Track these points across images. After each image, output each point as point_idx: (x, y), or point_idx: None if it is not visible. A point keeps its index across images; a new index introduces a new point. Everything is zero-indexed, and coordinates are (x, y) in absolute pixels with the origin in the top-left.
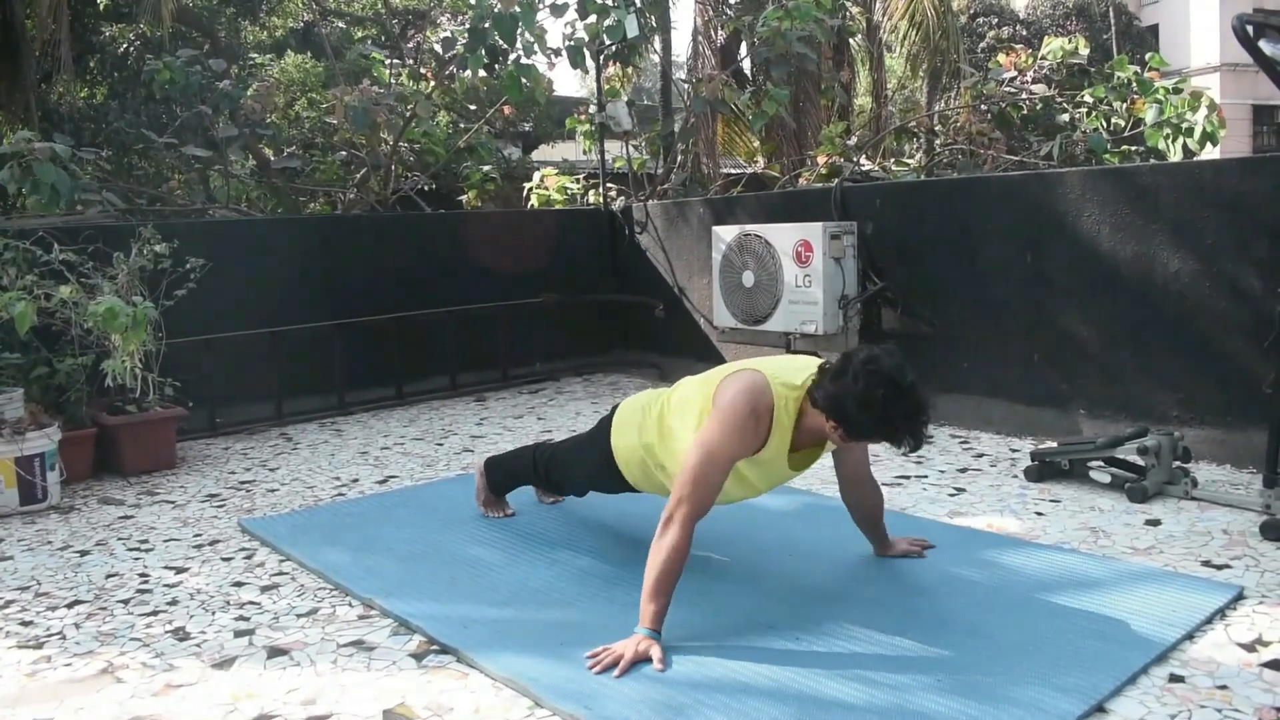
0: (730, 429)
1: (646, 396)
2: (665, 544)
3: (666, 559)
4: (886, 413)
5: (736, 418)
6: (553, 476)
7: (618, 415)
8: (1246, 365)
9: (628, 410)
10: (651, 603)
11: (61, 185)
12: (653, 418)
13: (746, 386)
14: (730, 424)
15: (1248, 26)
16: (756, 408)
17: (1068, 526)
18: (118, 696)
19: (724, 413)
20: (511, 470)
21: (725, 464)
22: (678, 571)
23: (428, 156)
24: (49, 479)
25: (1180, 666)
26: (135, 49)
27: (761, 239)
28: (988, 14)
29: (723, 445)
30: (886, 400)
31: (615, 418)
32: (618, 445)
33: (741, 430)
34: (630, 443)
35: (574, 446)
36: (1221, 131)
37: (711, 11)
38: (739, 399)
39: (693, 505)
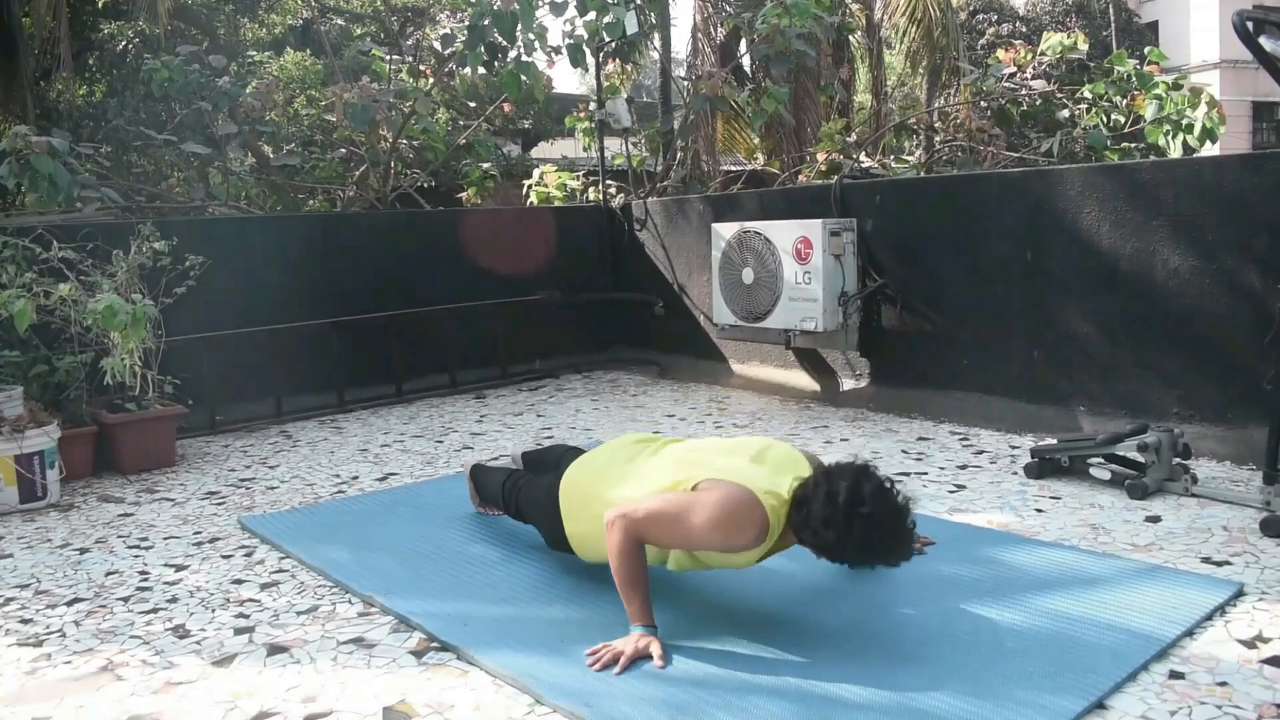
0: (716, 533)
1: (590, 480)
2: (611, 548)
3: (618, 560)
4: (884, 550)
5: (727, 529)
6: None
7: (564, 492)
8: (1246, 362)
9: (572, 490)
10: (629, 602)
11: (59, 178)
12: (596, 510)
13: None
14: (718, 529)
15: (1248, 23)
16: (755, 531)
17: (1068, 523)
18: (117, 694)
19: (722, 518)
20: (487, 491)
21: (683, 543)
22: (637, 566)
23: (427, 154)
24: (49, 477)
25: (1180, 663)
26: (134, 46)
27: (761, 236)
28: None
29: (698, 534)
30: (884, 544)
31: (561, 493)
32: (569, 529)
33: (724, 541)
34: (579, 529)
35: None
36: (1221, 128)
37: (711, 9)
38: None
39: (637, 528)
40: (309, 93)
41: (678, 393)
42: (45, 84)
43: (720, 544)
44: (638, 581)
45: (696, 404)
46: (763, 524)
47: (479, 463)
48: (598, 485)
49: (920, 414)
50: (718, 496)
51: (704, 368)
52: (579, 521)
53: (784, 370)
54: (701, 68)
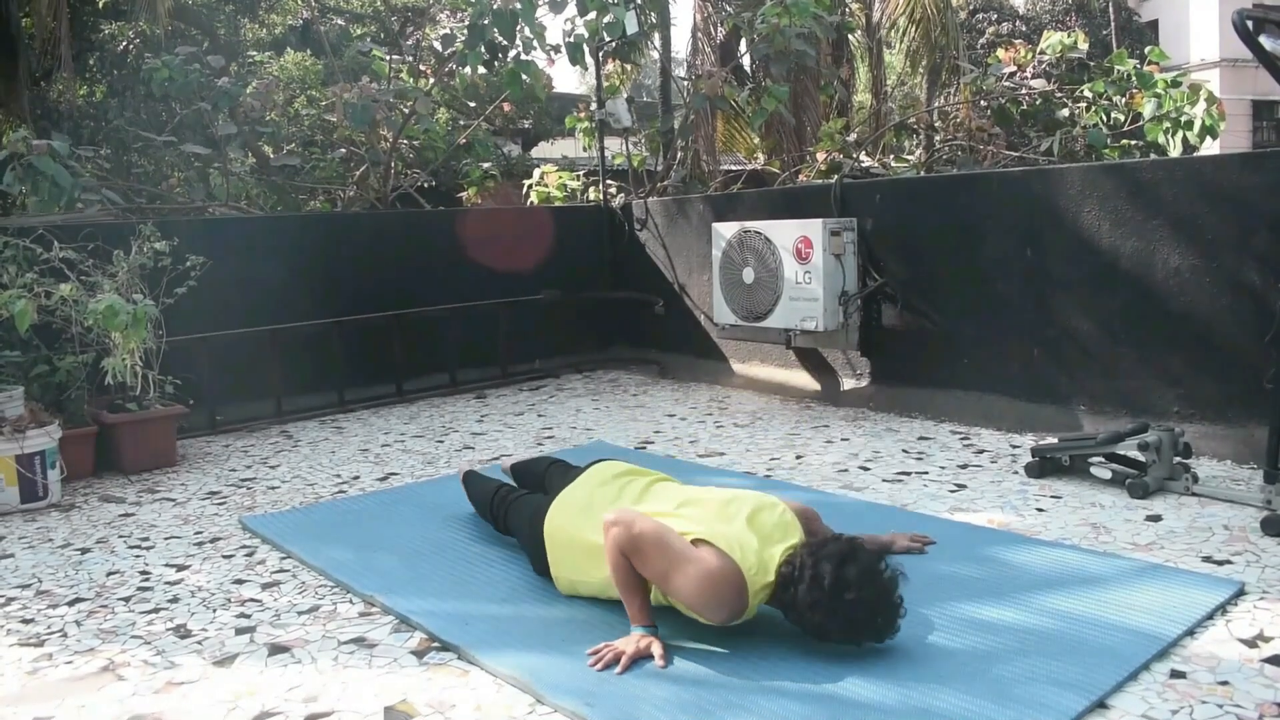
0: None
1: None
2: (608, 549)
3: (613, 565)
4: (870, 632)
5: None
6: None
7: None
8: (1247, 360)
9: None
10: (629, 603)
11: (62, 180)
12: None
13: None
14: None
15: (1248, 21)
16: (723, 611)
17: (1069, 522)
18: (119, 694)
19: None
20: (474, 498)
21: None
22: (626, 569)
23: (427, 154)
24: (49, 477)
25: (1181, 662)
26: (134, 47)
27: (762, 236)
28: (987, 10)
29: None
30: (870, 626)
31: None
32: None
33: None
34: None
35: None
36: (1221, 124)
37: (711, 8)
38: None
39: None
40: (309, 93)
41: (678, 392)
42: (45, 84)
43: (695, 607)
44: (636, 583)
45: (697, 403)
46: (742, 604)
47: (472, 469)
48: (581, 530)
49: (921, 413)
50: (708, 569)
51: (704, 367)
52: (565, 567)
53: (784, 370)
54: (701, 67)
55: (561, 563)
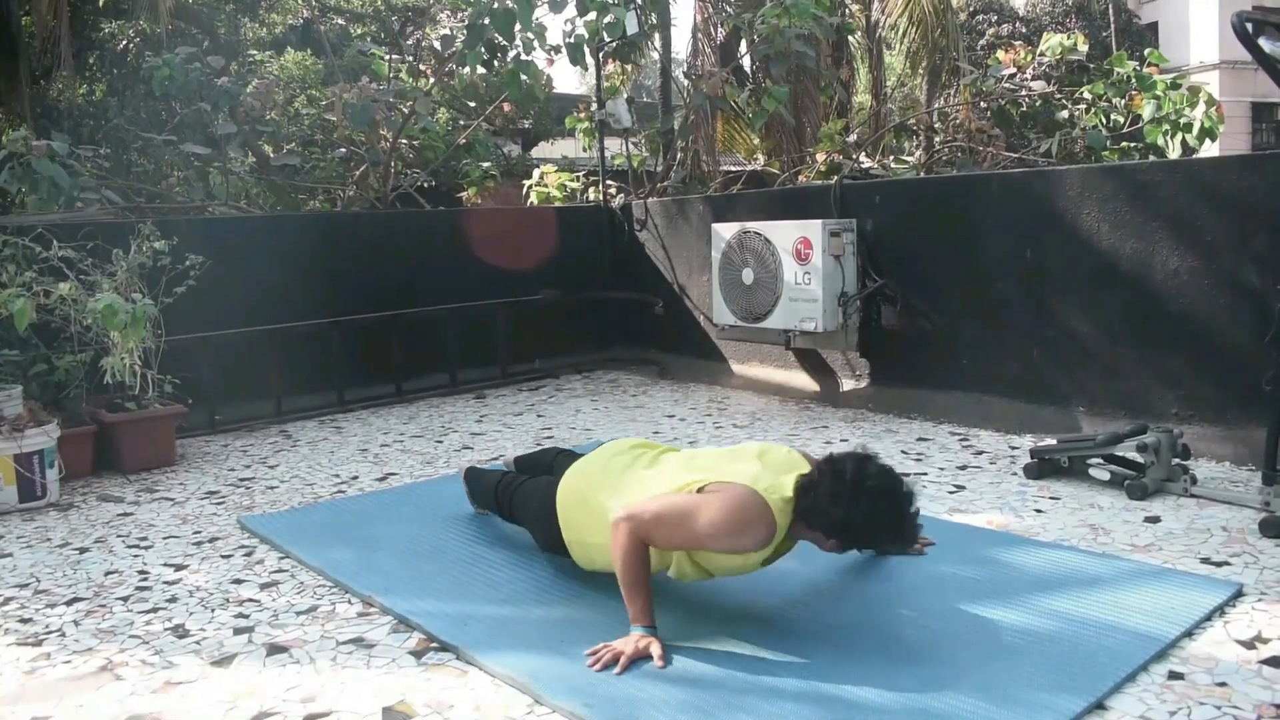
0: (722, 534)
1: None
2: (616, 548)
3: (623, 561)
4: (892, 523)
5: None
6: (518, 518)
7: (560, 498)
8: (1246, 362)
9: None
10: (631, 603)
11: (61, 180)
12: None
13: (756, 515)
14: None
15: (1247, 24)
16: (753, 534)
17: (1067, 524)
18: (117, 694)
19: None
20: (481, 494)
21: (689, 543)
22: (641, 566)
23: (427, 153)
24: (48, 476)
25: (1180, 664)
26: (134, 45)
27: (761, 236)
28: (987, 11)
29: (704, 535)
30: (892, 518)
31: (559, 500)
32: (570, 539)
33: (731, 542)
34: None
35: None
36: (1220, 127)
37: (711, 9)
38: (747, 524)
39: (643, 528)
40: (309, 92)
41: (677, 393)
42: (45, 83)
43: (727, 545)
44: (641, 582)
45: (696, 404)
46: (769, 524)
47: (473, 465)
48: (597, 492)
49: (920, 414)
50: (724, 498)
51: (704, 368)
52: (577, 529)
53: (784, 370)
54: (702, 68)
55: (574, 525)
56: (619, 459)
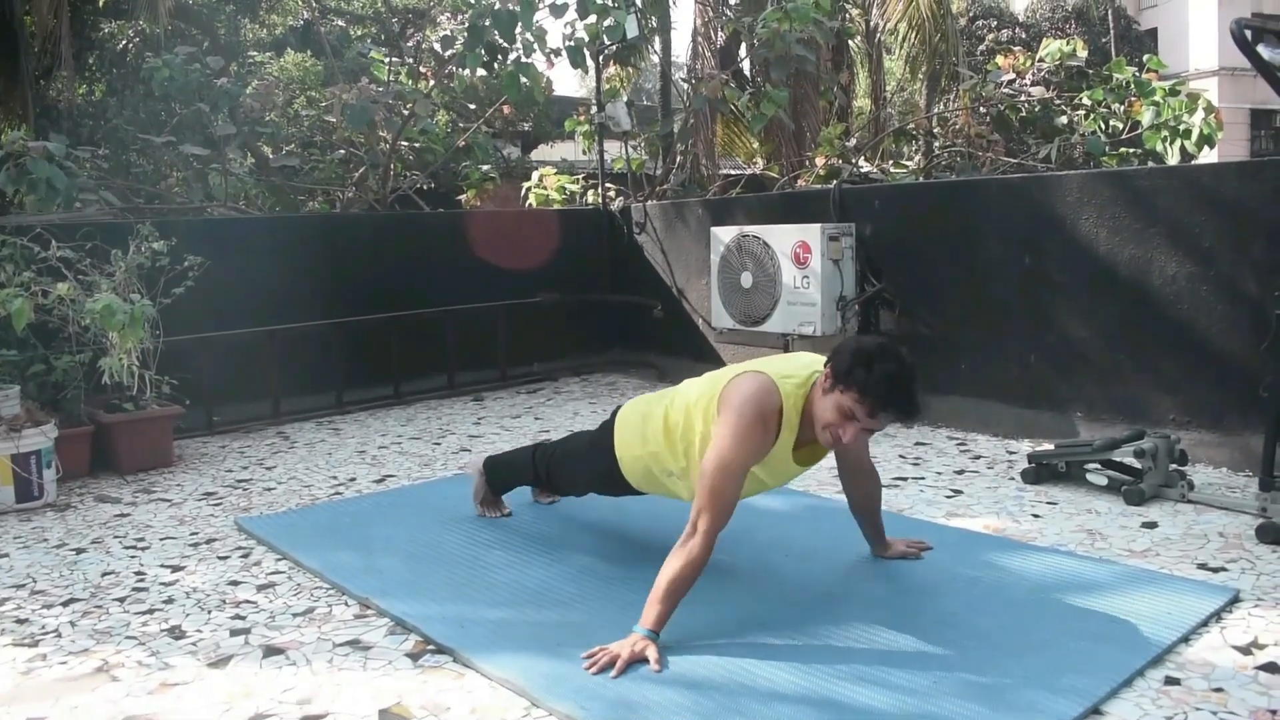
0: (740, 436)
1: (646, 403)
2: (685, 553)
3: (684, 567)
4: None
5: (745, 424)
6: (555, 479)
7: (619, 422)
8: (1243, 368)
9: (629, 416)
10: (659, 605)
11: (58, 181)
12: (656, 424)
13: (754, 392)
14: (739, 431)
15: (1246, 31)
16: (764, 411)
17: (1064, 529)
18: (113, 695)
19: (733, 420)
20: (511, 471)
21: (740, 473)
22: (691, 581)
23: (426, 155)
24: (45, 476)
25: (1176, 669)
26: (134, 46)
27: (760, 240)
28: (987, 16)
29: (736, 454)
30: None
31: (616, 424)
32: (622, 455)
33: (750, 436)
34: (634, 451)
35: (576, 451)
36: (1219, 133)
37: (711, 12)
38: (747, 405)
39: (714, 517)
40: (309, 93)
41: None
42: (45, 83)
43: (751, 452)
44: (680, 594)
45: None
46: (775, 411)
47: (492, 456)
48: (653, 405)
49: (918, 418)
50: (736, 403)
51: (702, 371)
52: (639, 444)
53: None
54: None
55: (636, 440)
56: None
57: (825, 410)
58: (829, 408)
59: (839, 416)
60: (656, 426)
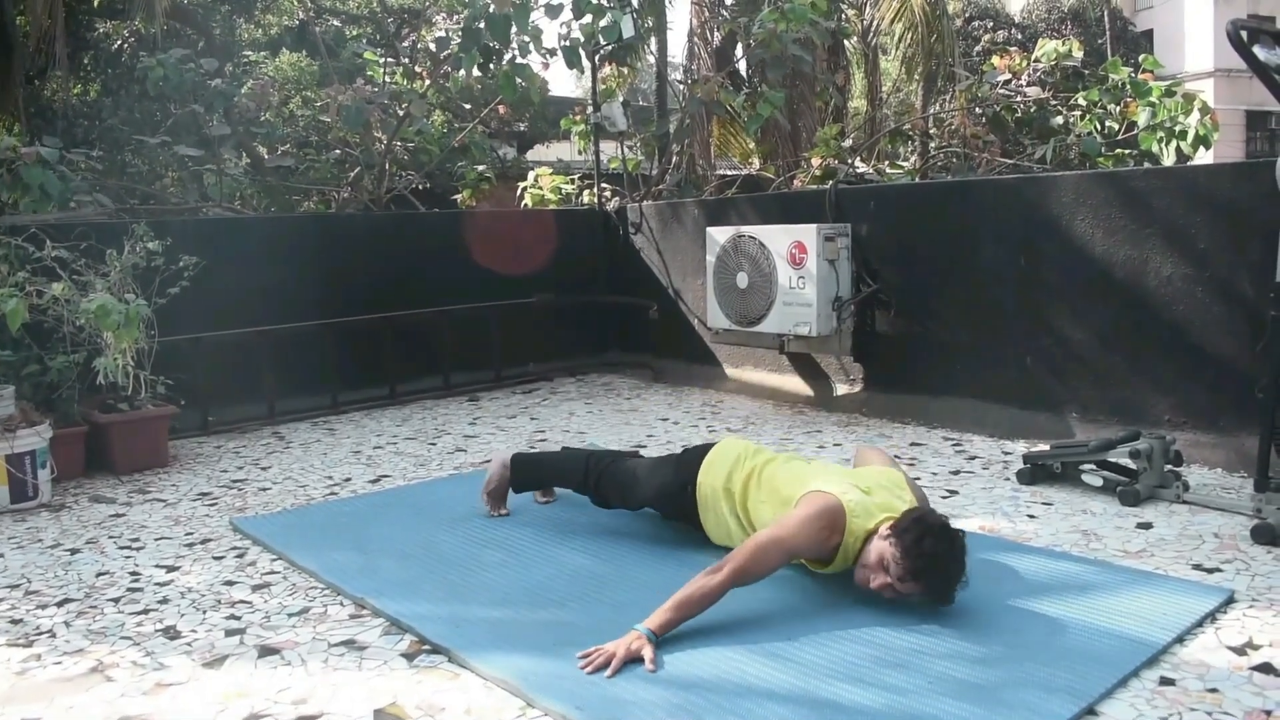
0: (805, 535)
1: (744, 448)
2: (707, 581)
3: (700, 590)
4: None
5: (812, 531)
6: (604, 487)
7: (714, 452)
8: (1238, 369)
9: (724, 452)
10: (669, 613)
11: (51, 187)
12: (743, 472)
13: (825, 516)
14: (807, 532)
15: (1242, 32)
16: (830, 531)
17: (1059, 529)
18: (108, 695)
19: (804, 523)
20: (546, 473)
21: (787, 554)
22: (702, 606)
23: (422, 156)
24: (40, 476)
25: (1171, 669)
26: (129, 46)
27: (756, 240)
28: (982, 17)
29: (793, 541)
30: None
31: (711, 454)
32: (704, 480)
33: (813, 540)
34: (717, 483)
35: (650, 466)
36: (1214, 134)
37: (707, 13)
38: (818, 521)
39: (743, 571)
40: (304, 94)
41: (671, 396)
42: (40, 83)
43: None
44: (694, 612)
45: (690, 408)
46: (839, 527)
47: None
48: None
49: (913, 419)
50: (815, 500)
51: (697, 371)
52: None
53: (778, 374)
54: (698, 71)
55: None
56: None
57: (871, 551)
58: (875, 551)
59: (877, 564)
60: (743, 474)
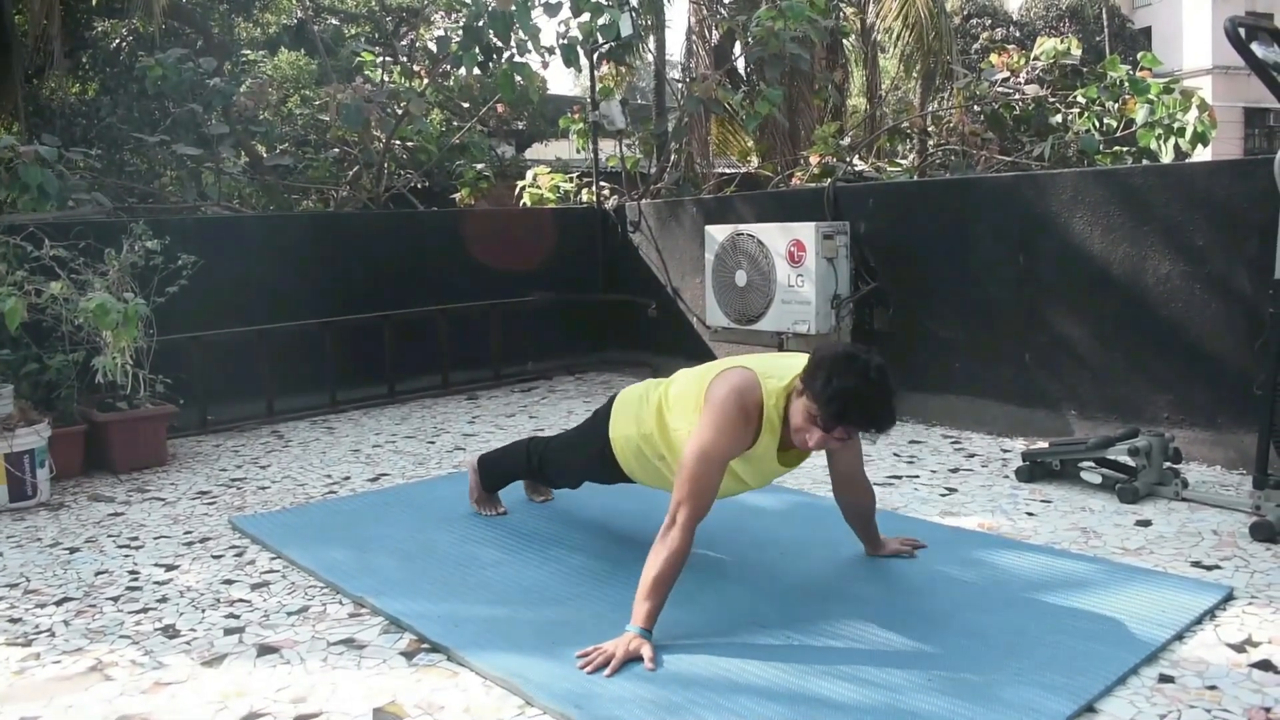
0: (721, 428)
1: (644, 387)
2: (666, 546)
3: (666, 560)
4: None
5: (726, 417)
6: (547, 470)
7: (616, 405)
8: (1237, 367)
9: (625, 400)
10: (646, 601)
11: (49, 186)
12: (650, 408)
13: (735, 386)
14: (720, 423)
15: (1240, 29)
16: (745, 406)
17: (1058, 527)
18: (106, 694)
19: (714, 412)
20: (504, 467)
21: (720, 464)
22: (675, 574)
23: (420, 154)
24: (39, 476)
25: (1170, 667)
26: (128, 45)
27: (754, 239)
28: (981, 15)
29: (715, 445)
30: (885, 388)
31: (613, 407)
32: (615, 436)
33: (732, 429)
34: (628, 433)
35: (571, 438)
36: (1213, 131)
37: (706, 11)
38: (728, 399)
39: (693, 508)
40: (303, 92)
41: None
42: (38, 82)
43: (731, 444)
44: (666, 586)
45: None
46: (756, 407)
47: (485, 454)
48: (650, 390)
49: (912, 417)
50: (718, 396)
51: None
52: (633, 425)
53: None
54: (696, 70)
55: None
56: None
57: (796, 414)
58: (799, 411)
59: (805, 422)
60: (650, 410)
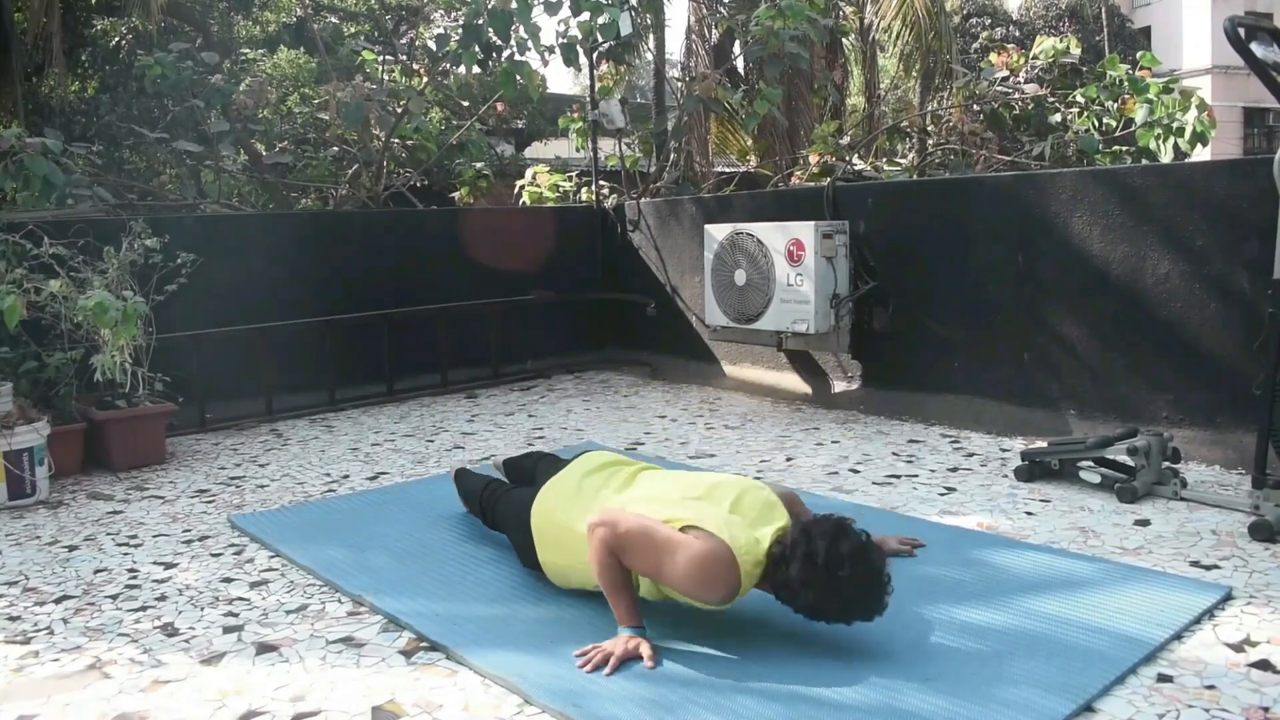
0: (689, 583)
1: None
2: (592, 553)
3: (599, 565)
4: (862, 611)
5: (701, 584)
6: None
7: (536, 522)
8: (1235, 367)
9: (545, 522)
10: (615, 605)
11: (54, 178)
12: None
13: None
14: (692, 581)
15: (1240, 29)
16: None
17: (1057, 526)
18: (105, 692)
19: (698, 573)
20: (464, 492)
21: (653, 575)
22: (618, 570)
23: (420, 153)
24: (37, 474)
25: (1169, 666)
26: (127, 43)
27: (754, 238)
28: (980, 14)
29: (670, 575)
30: (862, 605)
31: (534, 523)
32: (545, 558)
33: (695, 592)
34: (554, 559)
35: (511, 527)
36: (1212, 131)
37: (705, 10)
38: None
39: (617, 541)
40: (302, 91)
41: (669, 394)
42: (37, 80)
43: (689, 592)
44: (621, 585)
45: (688, 405)
46: (734, 584)
47: (464, 466)
48: (569, 511)
49: (911, 416)
50: (700, 552)
51: (695, 369)
52: (552, 551)
53: (775, 372)
54: (695, 69)
55: (549, 547)
56: (592, 478)
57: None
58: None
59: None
60: (578, 541)
